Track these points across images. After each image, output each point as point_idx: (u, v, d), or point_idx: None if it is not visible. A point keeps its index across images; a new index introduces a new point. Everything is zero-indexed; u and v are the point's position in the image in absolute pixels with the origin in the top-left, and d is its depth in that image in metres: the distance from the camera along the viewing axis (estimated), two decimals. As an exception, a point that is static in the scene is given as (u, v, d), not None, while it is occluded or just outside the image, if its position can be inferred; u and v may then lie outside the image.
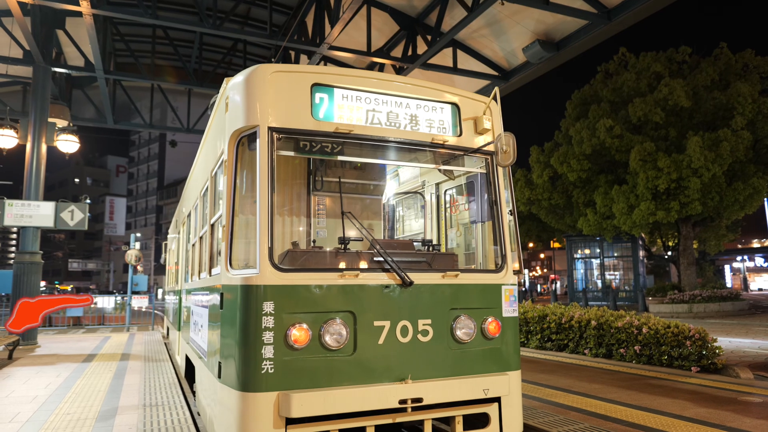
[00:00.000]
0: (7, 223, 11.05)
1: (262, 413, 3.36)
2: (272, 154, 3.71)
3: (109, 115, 15.33)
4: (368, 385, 3.59)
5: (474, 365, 4.00)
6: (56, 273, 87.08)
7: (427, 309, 3.91)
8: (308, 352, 3.52)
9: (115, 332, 15.31)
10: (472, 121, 4.44)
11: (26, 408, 5.36)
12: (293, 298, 3.57)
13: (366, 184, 5.65)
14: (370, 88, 4.13)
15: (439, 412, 3.78)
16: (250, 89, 3.83)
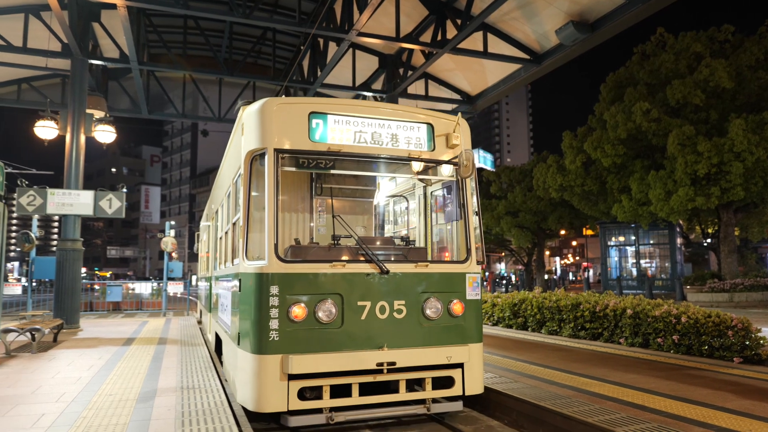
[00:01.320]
0: (49, 211, 11.42)
1: (270, 370, 4.47)
2: (278, 170, 4.79)
3: (143, 105, 15.64)
4: (352, 351, 4.67)
5: (440, 337, 5.04)
6: (96, 260, 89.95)
7: (401, 292, 4.95)
8: (305, 324, 4.61)
9: (152, 317, 15.74)
10: (444, 137, 5.42)
11: (71, 388, 5.57)
12: (294, 283, 4.64)
13: (359, 189, 6.94)
14: (357, 113, 5.15)
15: (411, 374, 4.86)
16: (260, 119, 4.90)
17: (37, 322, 8.84)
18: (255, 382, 4.51)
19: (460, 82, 15.62)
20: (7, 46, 12.01)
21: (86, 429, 4.12)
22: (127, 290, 21.37)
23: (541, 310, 10.52)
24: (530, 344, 8.88)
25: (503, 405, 5.45)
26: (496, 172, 34.02)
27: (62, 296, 11.60)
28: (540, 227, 31.02)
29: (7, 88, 15.17)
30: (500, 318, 11.80)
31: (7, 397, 5.23)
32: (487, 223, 31.45)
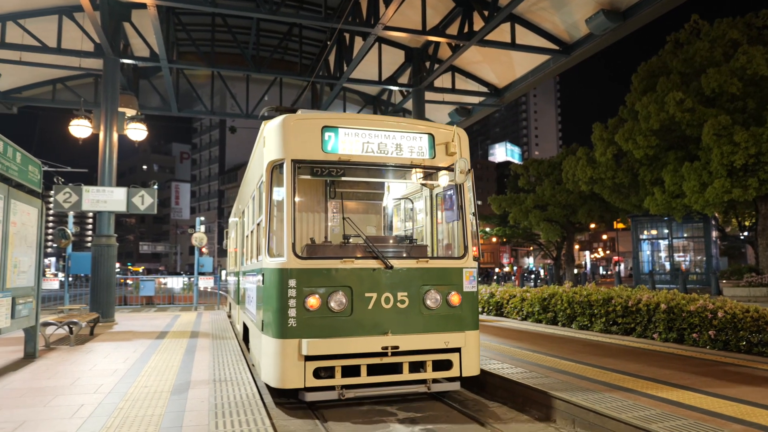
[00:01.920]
0: (84, 208, 11.73)
1: (289, 353, 5.08)
2: (294, 178, 5.42)
3: (173, 103, 15.90)
4: (360, 336, 5.25)
5: (439, 325, 5.58)
6: (129, 255, 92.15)
7: (404, 285, 5.51)
8: (319, 313, 5.20)
9: (184, 311, 16.05)
10: (443, 146, 5.97)
11: (108, 380, 5.72)
12: (309, 277, 5.24)
13: (368, 193, 7.60)
14: (365, 126, 5.70)
15: (413, 357, 5.43)
16: (279, 133, 5.52)
17: (74, 316, 9.11)
18: (276, 362, 5.14)
19: (488, 74, 15.45)
20: (42, 48, 12.35)
21: (123, 420, 4.22)
22: (159, 285, 21.84)
23: (572, 305, 10.37)
24: (560, 339, 8.76)
25: (532, 399, 5.39)
26: (524, 165, 33.59)
27: (98, 291, 11.92)
28: (569, 221, 30.54)
29: (42, 89, 15.61)
30: (529, 313, 11.67)
31: (47, 388, 5.40)
32: (515, 216, 31.11)
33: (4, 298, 6.05)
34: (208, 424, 4.09)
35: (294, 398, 5.60)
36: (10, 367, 6.60)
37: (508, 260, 76.40)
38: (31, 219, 7.03)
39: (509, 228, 35.28)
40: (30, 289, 6.99)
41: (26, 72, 14.53)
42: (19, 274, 6.58)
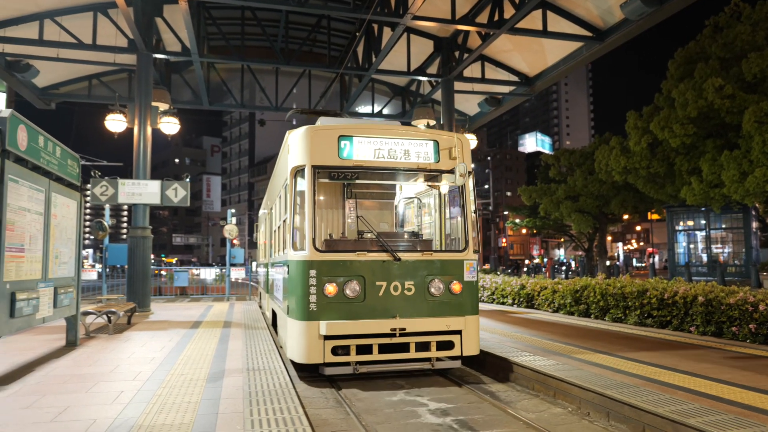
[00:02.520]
0: (120, 200, 12.03)
1: (310, 333, 5.89)
2: (314, 182, 6.20)
3: (204, 96, 16.13)
4: (372, 319, 6.02)
5: (442, 310, 6.32)
6: (162, 247, 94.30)
7: (411, 274, 6.26)
8: (336, 299, 5.98)
9: (217, 301, 16.36)
10: (447, 151, 6.62)
11: (146, 368, 5.88)
12: (327, 267, 6.01)
13: (381, 193, 8.35)
14: (376, 135, 6.43)
15: (418, 338, 6.19)
16: (301, 141, 6.28)
17: (112, 306, 9.38)
18: (300, 341, 5.98)
19: (518, 63, 15.21)
20: (78, 44, 12.65)
21: (161, 406, 4.34)
22: (192, 276, 22.30)
23: (605, 297, 10.18)
24: (593, 331, 8.62)
25: (565, 392, 5.32)
26: (554, 155, 33.00)
27: (134, 281, 12.24)
28: (602, 212, 29.94)
29: (79, 84, 16.01)
30: (561, 305, 11.51)
31: (89, 374, 5.58)
32: (545, 207, 30.65)
33: (47, 287, 6.26)
34: (243, 411, 4.16)
35: (315, 372, 6.40)
36: (53, 354, 6.84)
37: (539, 252, 75.47)
38: (70, 211, 7.25)
39: (539, 219, 34.75)
40: (71, 280, 7.21)
41: (63, 68, 14.93)
42: (60, 265, 6.80)
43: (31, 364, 6.13)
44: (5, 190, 5.02)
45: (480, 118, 17.92)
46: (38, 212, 5.99)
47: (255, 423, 3.87)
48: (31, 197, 5.76)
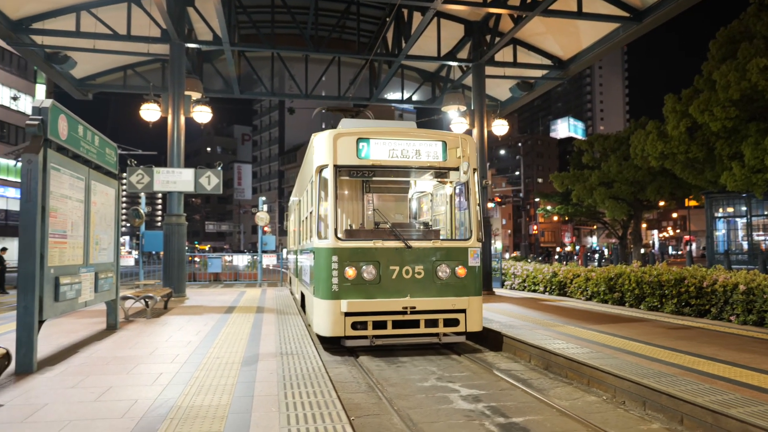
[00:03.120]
0: (156, 188, 12.29)
1: (333, 310, 6.80)
2: (336, 179, 7.05)
3: (235, 85, 16.28)
4: (386, 298, 6.88)
5: (448, 291, 7.13)
6: (195, 234, 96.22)
7: (420, 260, 7.08)
8: (355, 281, 6.85)
9: (249, 287, 16.65)
10: (454, 150, 7.36)
11: (183, 351, 6.03)
12: (348, 254, 6.88)
13: (396, 188, 9.43)
14: (391, 137, 7.23)
15: (427, 315, 7.01)
16: (325, 144, 7.14)
17: (149, 291, 9.64)
18: (324, 318, 6.90)
19: (551, 46, 14.86)
20: (113, 35, 12.90)
21: (199, 388, 4.45)
22: (225, 262, 22.72)
23: (640, 285, 9.97)
24: (628, 320, 8.46)
25: (599, 380, 5.25)
26: (588, 140, 32.30)
27: (170, 267, 12.53)
28: (637, 198, 29.24)
29: (114, 75, 16.35)
30: (594, 292, 11.32)
31: (129, 357, 5.76)
32: (578, 194, 30.10)
33: (88, 272, 6.47)
34: (277, 394, 4.23)
35: (337, 344, 7.26)
36: (95, 337, 7.08)
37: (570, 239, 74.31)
38: (109, 199, 7.45)
39: (572, 206, 34.15)
40: (110, 265, 7.43)
41: (99, 59, 15.26)
42: (100, 251, 7.01)
43: (75, 346, 6.36)
44: (48, 178, 5.18)
45: (511, 103, 17.62)
46: (79, 199, 6.17)
47: (290, 406, 3.94)
48: (72, 185, 5.93)
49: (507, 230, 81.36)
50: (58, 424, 3.54)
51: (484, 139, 14.22)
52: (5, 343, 5.07)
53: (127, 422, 3.58)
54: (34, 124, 4.97)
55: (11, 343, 5.04)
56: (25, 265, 4.94)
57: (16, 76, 42.24)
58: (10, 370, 4.92)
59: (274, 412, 3.78)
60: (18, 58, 41.35)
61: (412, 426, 4.33)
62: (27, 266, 4.95)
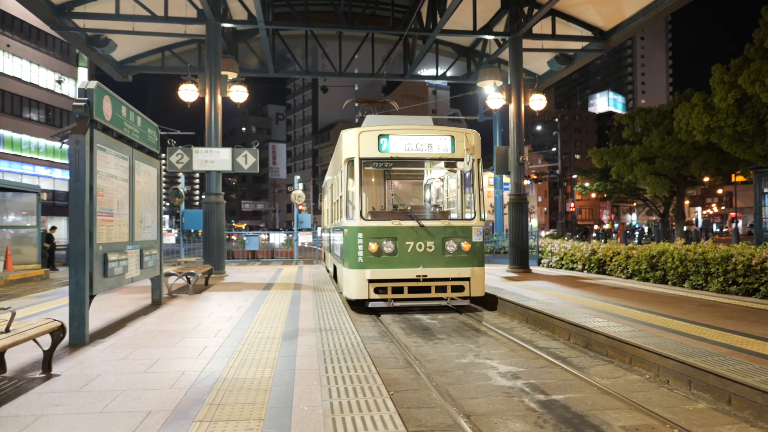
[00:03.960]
0: (195, 168, 12.54)
1: (360, 278, 8.23)
2: (361, 169, 8.48)
3: (270, 64, 16.35)
4: (402, 268, 8.28)
5: (454, 263, 8.45)
6: (232, 213, 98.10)
7: (431, 236, 8.39)
8: (377, 254, 8.24)
9: (285, 265, 16.94)
10: (461, 143, 8.64)
11: (225, 326, 6.20)
12: (371, 231, 8.27)
13: (413, 176, 11.32)
14: (408, 134, 8.56)
15: (437, 282, 8.38)
16: (351, 139, 8.57)
17: (191, 268, 9.91)
18: (352, 284, 8.39)
19: (592, 16, 14.33)
20: (151, 17, 13.08)
21: (243, 361, 4.57)
22: (262, 241, 23.12)
23: (684, 263, 9.69)
24: (671, 298, 8.25)
25: (642, 359, 5.15)
26: (628, 114, 31.26)
27: (210, 245, 12.84)
28: (680, 174, 28.27)
29: (152, 57, 16.63)
30: (635, 271, 11.07)
31: (175, 331, 5.96)
32: (618, 170, 29.31)
33: (134, 250, 6.68)
34: (318, 368, 4.31)
35: (362, 306, 8.75)
36: (141, 311, 7.34)
37: (609, 217, 72.63)
38: (151, 178, 7.63)
39: (611, 182, 33.29)
40: (154, 242, 7.65)
41: (138, 42, 15.53)
42: (144, 229, 7.22)
43: (123, 320, 6.62)
44: (94, 158, 5.34)
45: (549, 77, 17.16)
46: (124, 179, 6.34)
47: (330, 379, 4.01)
48: (117, 165, 6.10)
49: (543, 208, 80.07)
50: (112, 394, 3.70)
51: (521, 114, 13.93)
52: (57, 317, 5.31)
53: (176, 393, 3.71)
54: (80, 106, 5.10)
55: (63, 317, 5.28)
56: (76, 242, 5.13)
57: (60, 60, 43.44)
58: (65, 343, 5.15)
59: (315, 386, 3.86)
60: (60, 43, 42.47)
61: (452, 402, 4.36)
62: (77, 243, 5.14)
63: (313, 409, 3.36)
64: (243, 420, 3.18)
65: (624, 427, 3.79)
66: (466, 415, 4.06)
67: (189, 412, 3.32)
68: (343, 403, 3.47)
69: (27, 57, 40.16)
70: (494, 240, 19.14)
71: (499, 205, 21.05)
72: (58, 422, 3.18)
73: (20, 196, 15.18)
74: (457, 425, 3.83)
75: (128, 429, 3.06)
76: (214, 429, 3.05)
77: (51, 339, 4.35)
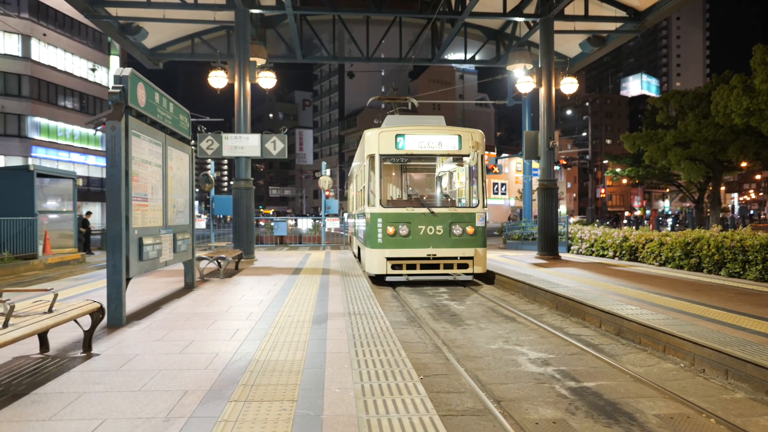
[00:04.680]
0: (225, 154, 12.67)
1: (379, 256, 9.82)
2: (381, 164, 10.00)
3: (298, 50, 16.35)
4: (415, 248, 9.78)
5: (460, 244, 9.87)
6: (260, 199, 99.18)
7: (440, 222, 9.79)
8: (393, 236, 9.74)
9: (313, 250, 17.09)
10: (467, 141, 10.05)
11: (256, 309, 6.30)
12: (388, 217, 9.75)
13: (426, 169, 12.67)
14: (421, 133, 10.01)
15: (445, 261, 9.85)
16: (372, 138, 10.09)
17: (222, 252, 10.07)
18: (373, 261, 9.93)
19: (626, -4, 13.90)
20: (182, 3, 13.20)
21: (274, 343, 4.65)
22: (289, 226, 23.34)
23: (721, 251, 9.43)
24: (707, 286, 8.05)
25: (676, 347, 5.05)
26: (663, 98, 30.36)
27: (239, 230, 13.03)
28: (716, 159, 27.41)
29: (183, 44, 16.80)
30: (669, 258, 10.83)
31: (207, 313, 6.08)
32: (651, 155, 28.58)
33: (168, 234, 6.82)
34: (348, 352, 4.36)
35: (381, 280, 10.27)
36: (174, 294, 7.52)
37: (640, 203, 71.08)
38: (183, 164, 7.76)
39: (643, 168, 32.48)
40: (186, 227, 7.80)
41: (169, 29, 15.70)
42: (177, 214, 7.36)
43: (157, 303, 6.79)
44: (129, 143, 5.44)
45: (581, 60, 16.76)
46: (157, 164, 6.46)
47: (361, 363, 4.04)
48: (151, 150, 6.21)
49: (572, 194, 78.75)
50: (150, 373, 3.81)
51: (552, 98, 13.66)
52: (95, 299, 5.47)
53: (211, 373, 3.80)
54: (116, 92, 5.20)
55: (100, 299, 5.43)
56: (112, 226, 5.26)
57: (92, 49, 44.31)
58: (103, 324, 5.32)
59: (346, 368, 3.90)
60: (93, 32, 43.27)
61: (481, 387, 4.36)
62: (114, 227, 5.27)
63: (344, 392, 3.40)
64: (276, 401, 3.24)
65: (658, 416, 3.74)
66: (496, 400, 4.06)
67: (224, 392, 3.40)
68: (374, 386, 3.50)
69: (62, 46, 41.09)
70: (522, 226, 18.94)
71: (528, 191, 20.78)
72: (100, 399, 3.29)
73: (57, 182, 15.63)
74: (487, 410, 3.83)
75: (167, 407, 3.15)
76: (248, 409, 3.11)
77: (91, 320, 4.49)
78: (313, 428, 2.84)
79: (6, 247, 12.27)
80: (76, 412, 3.10)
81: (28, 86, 38.17)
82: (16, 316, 3.86)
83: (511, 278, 9.59)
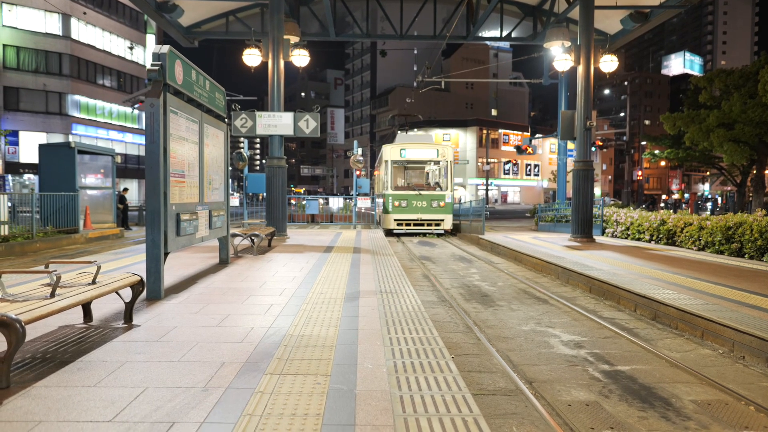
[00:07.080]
0: (258, 132, 12.80)
1: (390, 218, 17.95)
2: (391, 166, 18.58)
3: (331, 28, 16.27)
4: (410, 214, 17.91)
5: (436, 212, 17.91)
6: (291, 177, 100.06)
7: (425, 199, 17.93)
8: (398, 207, 17.92)
9: (344, 229, 17.21)
10: (442, 152, 18.59)
11: (289, 286, 6.41)
12: (395, 197, 17.98)
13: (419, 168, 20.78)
14: (415, 147, 18.87)
15: (427, 221, 17.93)
16: (387, 150, 18.60)
17: (255, 229, 10.23)
18: (386, 222, 17.85)
19: (671, -31, 13.31)
20: (216, -18, 13.24)
21: (307, 319, 4.72)
22: (320, 205, 23.51)
23: (764, 236, 9.11)
24: (748, 272, 7.81)
25: (715, 333, 4.93)
26: (707, 77, 29.17)
27: (272, 207, 13.19)
28: (762, 141, 26.30)
29: (217, 22, 16.90)
30: (708, 242, 10.53)
31: (242, 289, 6.21)
32: (692, 137, 27.60)
33: (204, 210, 6.96)
34: (380, 329, 4.40)
35: (390, 234, 17.99)
36: (209, 270, 7.69)
37: (678, 186, 69.00)
38: (219, 141, 7.86)
39: (684, 150, 31.42)
40: (221, 204, 7.94)
41: (204, 7, 15.80)
42: (212, 191, 7.49)
43: (194, 277, 6.96)
44: (168, 121, 5.54)
45: (622, 37, 16.20)
46: (194, 141, 6.56)
47: (393, 340, 4.08)
48: (188, 128, 6.31)
49: (607, 176, 76.98)
50: (188, 345, 3.93)
51: (590, 77, 13.29)
52: (135, 272, 5.64)
53: (247, 346, 3.89)
54: (155, 70, 5.28)
55: (139, 272, 5.60)
56: (151, 201, 5.39)
57: (129, 27, 45.04)
58: (142, 296, 5.49)
59: (378, 345, 3.94)
60: (130, 11, 43.92)
61: (513, 368, 4.35)
62: (152, 203, 5.40)
63: (377, 368, 3.44)
64: (311, 375, 3.30)
65: (695, 402, 3.67)
66: (528, 381, 4.05)
67: (260, 365, 3.48)
68: (406, 364, 3.53)
69: (100, 25, 41.86)
70: (555, 209, 18.64)
71: (562, 173, 20.40)
72: (141, 368, 3.42)
73: (96, 159, 16.06)
74: (518, 390, 3.83)
75: (205, 378, 3.25)
76: (283, 382, 3.18)
77: (131, 292, 4.64)
78: (346, 402, 2.89)
79: (49, 221, 12.74)
80: (119, 379, 3.23)
81: (69, 65, 39.11)
82: (62, 287, 4.02)
83: (543, 260, 9.48)
